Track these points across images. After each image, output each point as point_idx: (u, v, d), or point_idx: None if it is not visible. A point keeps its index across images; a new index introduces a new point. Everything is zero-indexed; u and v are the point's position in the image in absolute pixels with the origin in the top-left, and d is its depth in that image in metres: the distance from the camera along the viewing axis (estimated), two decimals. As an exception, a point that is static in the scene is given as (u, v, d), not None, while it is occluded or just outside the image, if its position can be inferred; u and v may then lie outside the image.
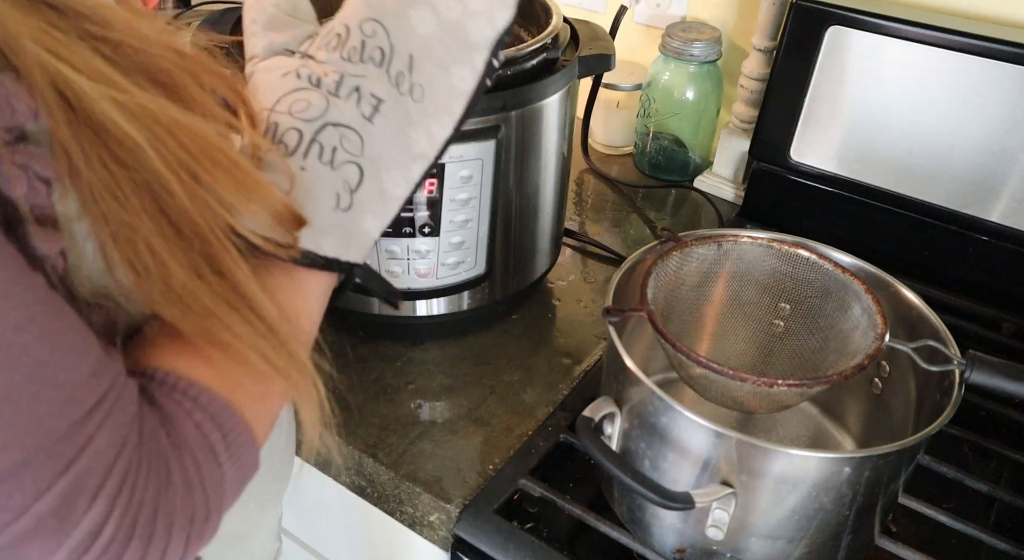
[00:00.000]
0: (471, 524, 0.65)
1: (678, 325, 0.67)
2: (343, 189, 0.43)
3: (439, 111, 0.45)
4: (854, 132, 0.89)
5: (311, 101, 0.43)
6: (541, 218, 0.79)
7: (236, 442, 0.38)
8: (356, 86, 0.43)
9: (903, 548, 0.62)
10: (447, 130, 0.46)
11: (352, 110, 0.43)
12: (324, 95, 0.43)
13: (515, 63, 0.68)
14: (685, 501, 0.53)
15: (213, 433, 0.36)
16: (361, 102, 0.43)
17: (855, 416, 0.72)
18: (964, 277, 0.89)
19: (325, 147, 0.42)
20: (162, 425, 0.35)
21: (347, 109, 0.43)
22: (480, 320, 0.83)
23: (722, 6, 1.07)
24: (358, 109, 0.43)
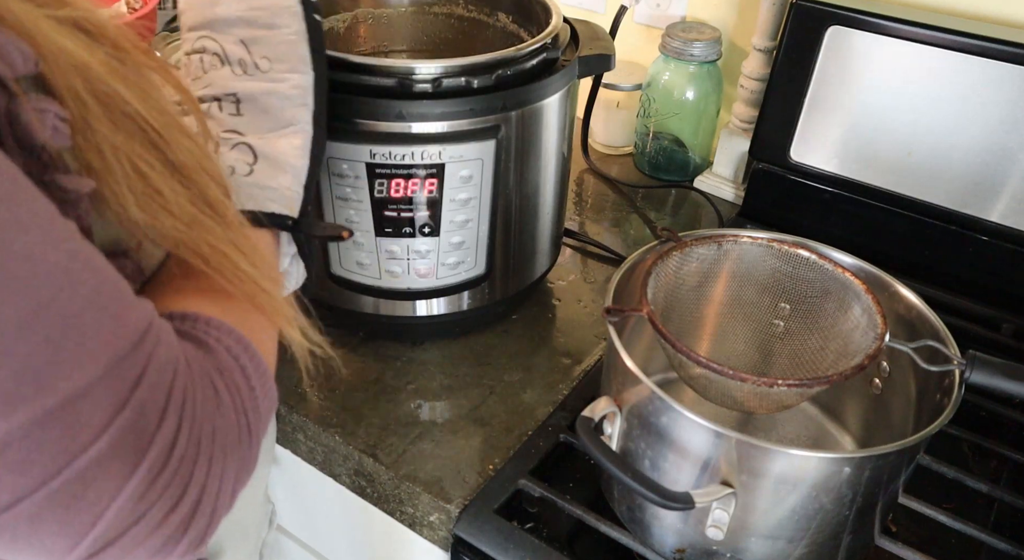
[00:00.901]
0: (471, 524, 0.65)
1: (678, 325, 0.67)
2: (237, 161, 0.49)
3: (288, 61, 0.51)
4: (854, 132, 0.89)
5: None
6: (541, 218, 0.79)
7: (259, 370, 0.40)
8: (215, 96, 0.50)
9: (903, 548, 0.62)
10: (307, 75, 0.52)
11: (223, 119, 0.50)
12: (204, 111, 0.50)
13: (515, 63, 0.68)
14: (685, 501, 0.53)
15: (242, 357, 0.39)
16: (223, 107, 0.50)
17: (855, 416, 0.72)
18: (964, 277, 0.89)
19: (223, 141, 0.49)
20: (199, 351, 0.38)
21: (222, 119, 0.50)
22: (480, 320, 0.83)
23: (722, 6, 1.07)
24: (224, 114, 0.50)
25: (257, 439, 0.40)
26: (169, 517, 0.34)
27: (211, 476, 0.36)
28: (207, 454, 0.35)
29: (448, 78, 0.65)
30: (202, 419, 0.35)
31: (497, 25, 0.85)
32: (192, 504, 0.35)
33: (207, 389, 0.36)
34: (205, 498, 0.36)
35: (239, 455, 0.38)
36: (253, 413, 0.39)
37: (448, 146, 0.67)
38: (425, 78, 0.65)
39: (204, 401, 0.36)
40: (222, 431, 0.36)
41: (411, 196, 0.69)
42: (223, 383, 0.38)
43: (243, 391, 0.39)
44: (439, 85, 0.65)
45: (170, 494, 0.34)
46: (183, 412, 0.34)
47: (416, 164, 0.67)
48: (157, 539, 0.34)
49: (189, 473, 0.34)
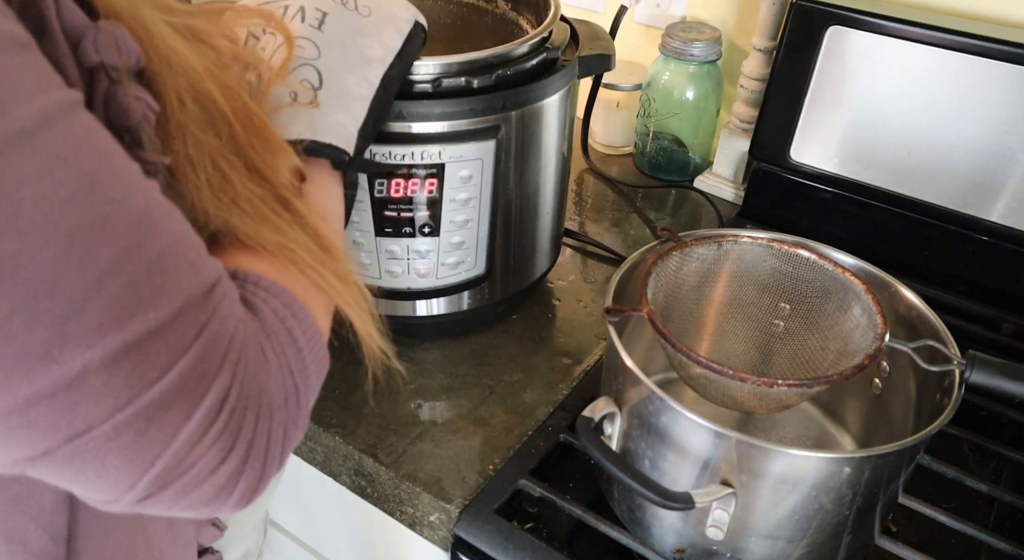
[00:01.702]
0: (471, 524, 0.65)
1: (678, 325, 0.67)
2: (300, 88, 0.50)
3: (387, 26, 0.55)
4: (854, 132, 0.89)
5: None
6: (541, 218, 0.79)
7: (308, 331, 0.41)
8: (301, 7, 0.52)
9: (903, 548, 0.62)
10: (398, 42, 0.55)
11: (298, 26, 0.51)
12: None
13: (515, 63, 0.68)
14: (685, 501, 0.53)
15: (289, 319, 0.40)
16: (306, 18, 0.51)
17: (855, 416, 0.72)
18: (964, 277, 0.89)
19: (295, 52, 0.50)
20: (248, 311, 0.39)
21: (294, 27, 0.51)
22: (480, 320, 0.83)
23: (722, 6, 1.07)
24: (304, 24, 0.51)
25: (306, 401, 0.40)
26: (220, 467, 0.36)
27: (258, 433, 0.37)
28: (255, 410, 0.36)
29: (448, 78, 0.65)
30: (252, 376, 0.36)
31: (496, 12, 0.85)
32: (242, 457, 0.36)
33: (256, 349, 0.37)
34: (254, 453, 0.37)
35: (286, 415, 0.39)
36: (300, 375, 0.40)
37: (448, 146, 0.67)
38: (425, 78, 0.65)
39: (255, 360, 0.37)
40: (268, 391, 0.37)
41: (411, 196, 0.69)
42: (269, 344, 0.39)
43: (289, 353, 0.39)
44: (439, 85, 0.65)
45: (221, 445, 0.35)
46: (237, 366, 0.35)
47: (416, 164, 0.67)
48: (209, 487, 0.36)
49: (238, 426, 0.36)
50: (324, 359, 0.43)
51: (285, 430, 0.39)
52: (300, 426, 0.40)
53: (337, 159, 0.50)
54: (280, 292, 0.41)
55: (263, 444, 0.37)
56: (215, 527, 0.58)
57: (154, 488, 0.34)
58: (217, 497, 0.37)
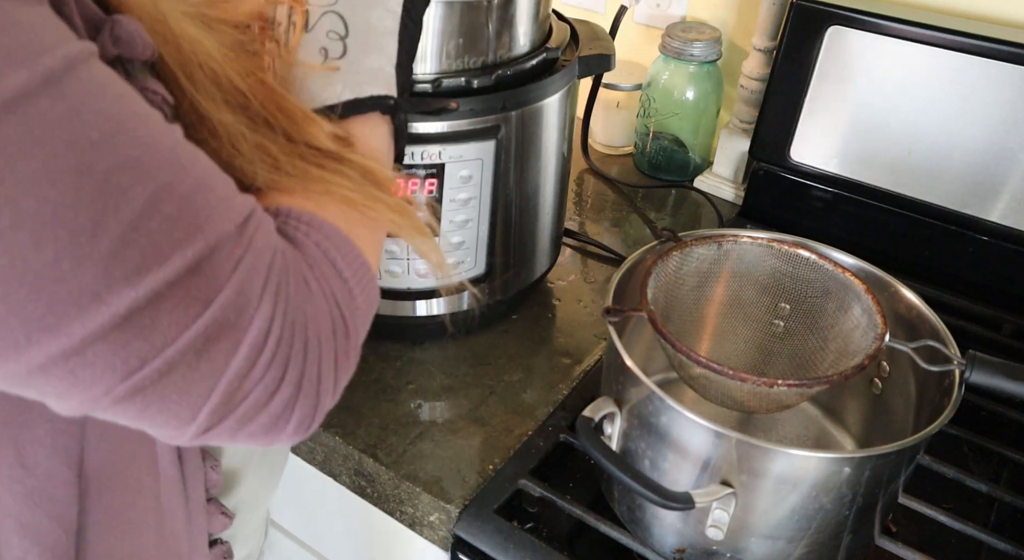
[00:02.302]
0: (471, 524, 0.65)
1: (678, 325, 0.67)
2: (328, 42, 0.48)
3: None
4: (854, 132, 0.89)
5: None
6: (541, 218, 0.79)
7: (354, 262, 0.41)
8: None
9: (903, 548, 0.62)
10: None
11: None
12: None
13: (515, 63, 0.68)
14: (685, 501, 0.53)
15: (331, 251, 0.40)
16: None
17: (855, 416, 0.72)
18: (964, 277, 0.89)
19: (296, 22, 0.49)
20: (289, 244, 0.39)
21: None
22: (479, 321, 0.83)
23: (722, 6, 1.07)
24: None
25: (355, 333, 0.41)
26: (275, 396, 0.37)
27: (308, 361, 0.37)
28: (302, 340, 0.37)
29: (448, 78, 0.65)
30: (295, 306, 0.37)
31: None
32: (294, 385, 0.37)
33: (298, 279, 0.38)
34: (306, 382, 0.38)
35: (335, 346, 0.39)
36: (347, 306, 0.40)
37: (448, 146, 0.67)
38: (425, 78, 0.65)
39: (296, 290, 0.37)
40: (315, 320, 0.38)
41: (411, 196, 0.69)
42: (312, 275, 0.39)
43: (334, 284, 0.40)
44: (439, 85, 0.65)
45: (272, 374, 0.36)
46: (278, 297, 0.36)
47: (416, 164, 0.67)
48: (266, 417, 0.37)
49: (287, 356, 0.36)
50: (373, 291, 0.43)
51: (336, 360, 0.39)
52: (351, 357, 0.41)
53: (384, 106, 0.50)
54: (321, 225, 0.41)
55: (314, 373, 0.38)
56: (224, 516, 0.58)
57: (214, 420, 0.36)
58: (275, 426, 0.38)
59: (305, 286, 0.38)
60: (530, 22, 0.70)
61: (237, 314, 0.34)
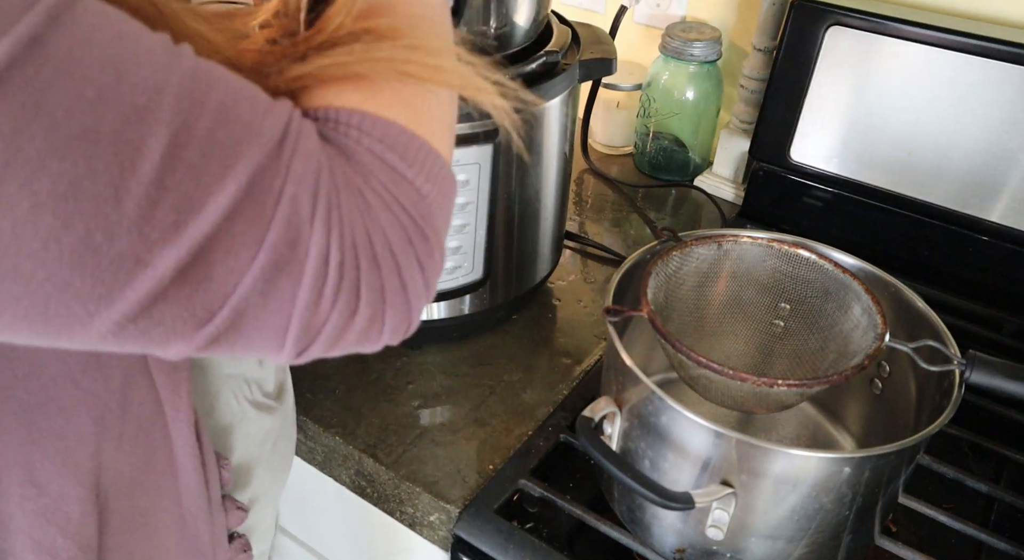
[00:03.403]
0: (471, 524, 0.65)
1: (678, 325, 0.67)
2: None
3: None
4: (854, 132, 0.89)
5: None
6: (541, 223, 0.79)
7: (417, 157, 0.38)
8: None
9: (903, 548, 0.62)
10: None
11: None
12: None
13: (514, 66, 0.68)
14: (685, 501, 0.53)
15: (387, 153, 0.37)
16: None
17: (855, 416, 0.72)
18: (964, 277, 0.89)
19: None
20: (340, 156, 0.36)
21: None
22: (480, 325, 0.83)
23: (722, 6, 1.07)
24: None
25: (434, 232, 0.38)
26: (355, 317, 0.36)
27: (386, 276, 0.36)
28: (368, 257, 0.35)
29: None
30: (353, 226, 0.35)
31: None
32: (375, 304, 0.36)
33: (352, 194, 0.35)
34: (389, 295, 0.36)
35: (414, 252, 0.37)
36: (417, 208, 0.37)
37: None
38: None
39: (351, 207, 0.35)
40: (381, 234, 0.36)
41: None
42: (368, 186, 0.36)
43: (398, 190, 0.37)
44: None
45: (345, 298, 0.35)
46: (331, 221, 0.34)
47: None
48: (354, 333, 0.36)
49: (355, 279, 0.35)
50: (446, 181, 0.40)
51: (420, 263, 0.37)
52: (436, 256, 0.39)
53: None
54: (373, 124, 0.37)
55: (396, 284, 0.36)
56: (240, 510, 0.58)
57: (301, 345, 0.35)
58: (367, 337, 0.37)
59: (362, 200, 0.36)
60: (528, 17, 0.70)
61: (290, 248, 0.33)
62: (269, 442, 0.65)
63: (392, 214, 0.36)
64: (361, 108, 0.37)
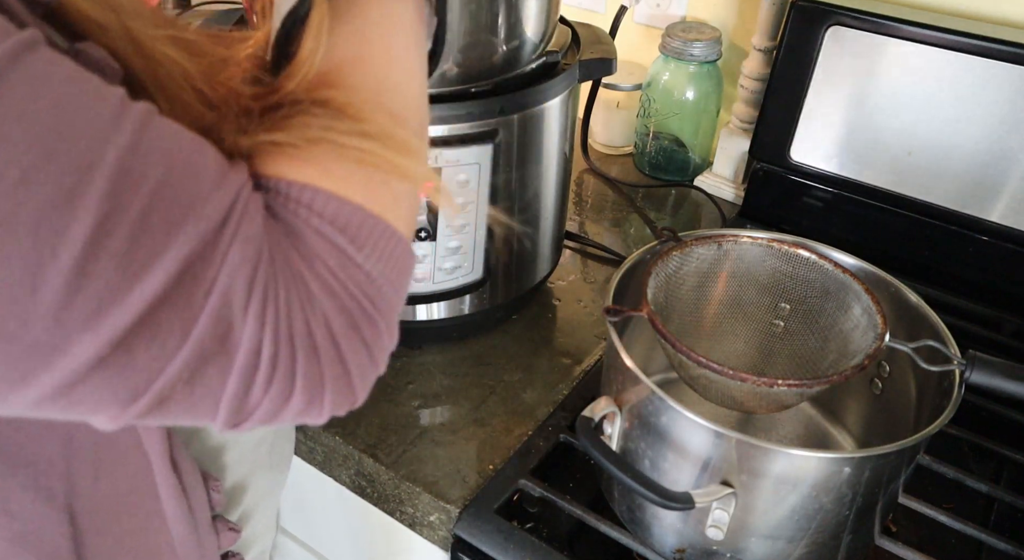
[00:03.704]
0: (471, 524, 0.65)
1: (678, 325, 0.67)
2: None
3: None
4: (854, 132, 0.89)
5: None
6: (541, 223, 0.79)
7: (370, 238, 0.36)
8: None
9: (903, 548, 0.62)
10: None
11: None
12: None
13: (515, 67, 0.68)
14: (685, 501, 0.53)
15: (337, 236, 0.35)
16: None
17: (855, 416, 0.72)
18: (964, 277, 0.89)
19: None
20: (286, 237, 0.34)
21: None
22: (480, 325, 0.83)
23: (722, 6, 1.07)
24: None
25: (385, 312, 0.37)
26: (290, 401, 0.34)
27: (324, 363, 0.35)
28: (306, 348, 0.34)
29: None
30: (290, 316, 0.33)
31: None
32: (311, 389, 0.35)
33: (293, 282, 0.34)
34: (329, 380, 0.35)
35: (359, 336, 0.36)
36: (366, 291, 0.36)
37: (445, 150, 0.67)
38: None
39: (290, 295, 0.33)
40: (321, 323, 0.34)
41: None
42: (313, 271, 0.34)
43: (345, 273, 0.35)
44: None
45: (278, 388, 0.34)
46: (265, 313, 0.33)
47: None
48: (290, 414, 0.35)
49: (290, 369, 0.34)
50: (401, 260, 0.38)
51: (366, 347, 0.36)
52: (384, 337, 0.37)
53: None
54: (325, 203, 0.35)
55: (336, 371, 0.35)
56: (232, 531, 0.58)
57: (233, 423, 0.34)
58: (306, 415, 0.36)
59: (304, 288, 0.34)
60: (538, 28, 0.70)
61: (219, 341, 0.32)
62: (264, 446, 0.64)
63: (336, 300, 0.35)
64: (314, 184, 0.35)
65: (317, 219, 0.35)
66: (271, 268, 0.33)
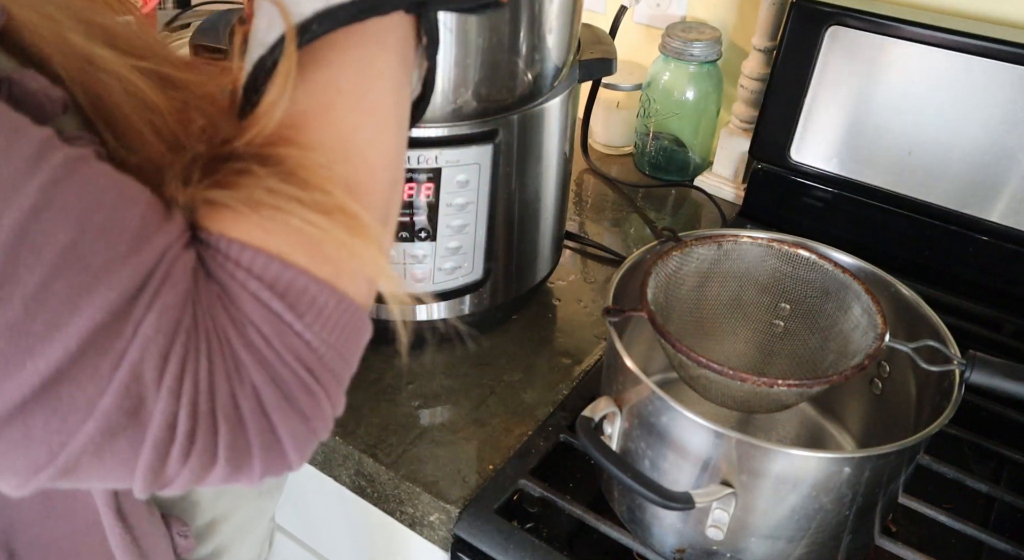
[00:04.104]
0: (471, 524, 0.65)
1: (678, 325, 0.67)
2: None
3: None
4: (854, 132, 0.89)
5: None
6: (541, 223, 0.79)
7: (313, 305, 0.33)
8: None
9: (903, 548, 0.62)
10: None
11: None
12: None
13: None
14: (685, 501, 0.53)
15: (274, 302, 0.32)
16: None
17: (855, 416, 0.72)
18: (964, 277, 0.89)
19: None
20: (219, 300, 0.32)
21: None
22: (480, 325, 0.82)
23: (722, 6, 1.07)
24: None
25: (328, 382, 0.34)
26: (212, 470, 0.33)
27: (253, 436, 0.33)
28: (231, 420, 0.32)
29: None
30: (212, 389, 0.31)
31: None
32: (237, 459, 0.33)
33: (220, 352, 0.32)
34: (258, 451, 0.33)
35: (294, 408, 0.33)
36: (305, 361, 0.33)
37: (445, 150, 0.67)
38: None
39: (214, 366, 0.31)
40: (249, 395, 0.32)
41: (408, 200, 0.69)
42: (244, 339, 0.32)
43: (277, 341, 0.33)
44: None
45: (196, 460, 0.32)
46: (181, 388, 0.30)
47: (413, 168, 0.67)
48: (215, 480, 0.33)
49: (211, 442, 0.32)
50: (351, 325, 0.35)
51: (304, 418, 0.34)
52: (325, 408, 0.35)
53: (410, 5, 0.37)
54: (265, 267, 0.32)
55: (266, 440, 0.33)
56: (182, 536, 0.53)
57: (149, 490, 0.32)
58: (236, 480, 0.34)
59: (232, 358, 0.32)
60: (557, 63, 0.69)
61: (128, 416, 0.30)
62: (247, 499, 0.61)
63: (269, 371, 0.33)
64: (255, 244, 0.33)
65: (255, 283, 0.32)
66: (193, 337, 0.31)
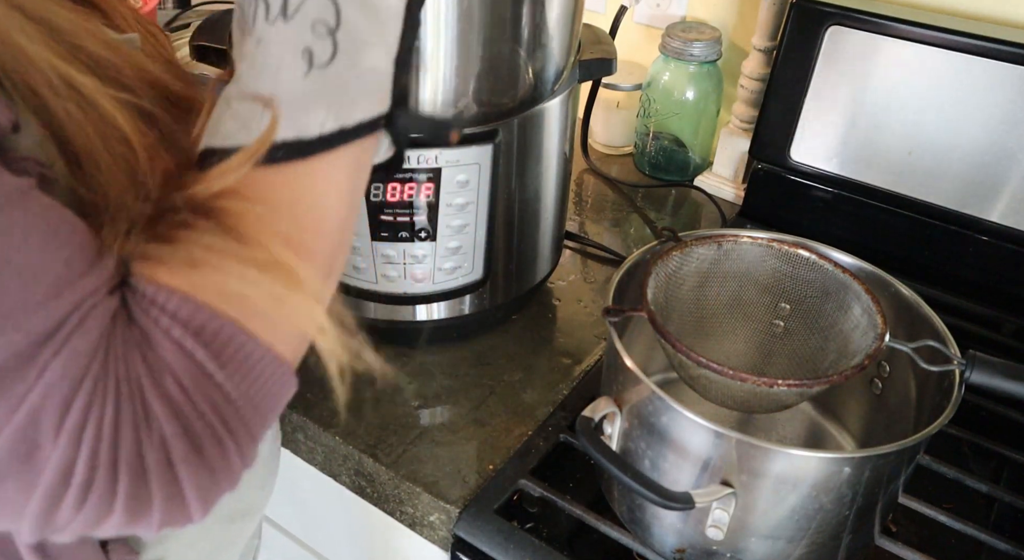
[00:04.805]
0: (471, 524, 0.65)
1: (678, 325, 0.67)
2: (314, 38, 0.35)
3: None
4: (854, 132, 0.89)
5: None
6: (541, 223, 0.79)
7: (236, 356, 0.33)
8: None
9: (903, 548, 0.62)
10: None
11: None
12: None
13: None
14: (685, 501, 0.53)
15: (198, 350, 0.32)
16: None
17: (855, 416, 0.72)
18: (964, 277, 0.89)
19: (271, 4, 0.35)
20: (138, 347, 0.32)
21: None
22: (480, 325, 0.82)
23: (722, 6, 1.07)
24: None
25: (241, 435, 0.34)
26: (108, 520, 0.32)
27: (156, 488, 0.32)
28: (132, 472, 0.31)
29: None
30: (116, 440, 0.31)
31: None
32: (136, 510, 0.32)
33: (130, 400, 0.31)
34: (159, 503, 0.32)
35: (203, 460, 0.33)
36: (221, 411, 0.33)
37: (445, 150, 0.67)
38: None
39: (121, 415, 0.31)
40: (156, 446, 0.31)
41: (408, 200, 0.68)
42: (159, 388, 0.32)
43: (196, 391, 0.32)
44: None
45: (92, 508, 0.31)
46: (81, 437, 0.30)
47: (413, 168, 0.67)
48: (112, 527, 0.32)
49: (108, 492, 0.31)
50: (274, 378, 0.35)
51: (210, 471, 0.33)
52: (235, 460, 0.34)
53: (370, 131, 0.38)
54: (192, 315, 0.32)
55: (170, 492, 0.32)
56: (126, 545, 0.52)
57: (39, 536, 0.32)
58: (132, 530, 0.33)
59: (142, 408, 0.31)
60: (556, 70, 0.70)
61: (21, 461, 0.29)
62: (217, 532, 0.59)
63: (179, 422, 0.32)
64: (183, 291, 0.32)
65: (180, 329, 0.32)
66: (101, 384, 0.30)
